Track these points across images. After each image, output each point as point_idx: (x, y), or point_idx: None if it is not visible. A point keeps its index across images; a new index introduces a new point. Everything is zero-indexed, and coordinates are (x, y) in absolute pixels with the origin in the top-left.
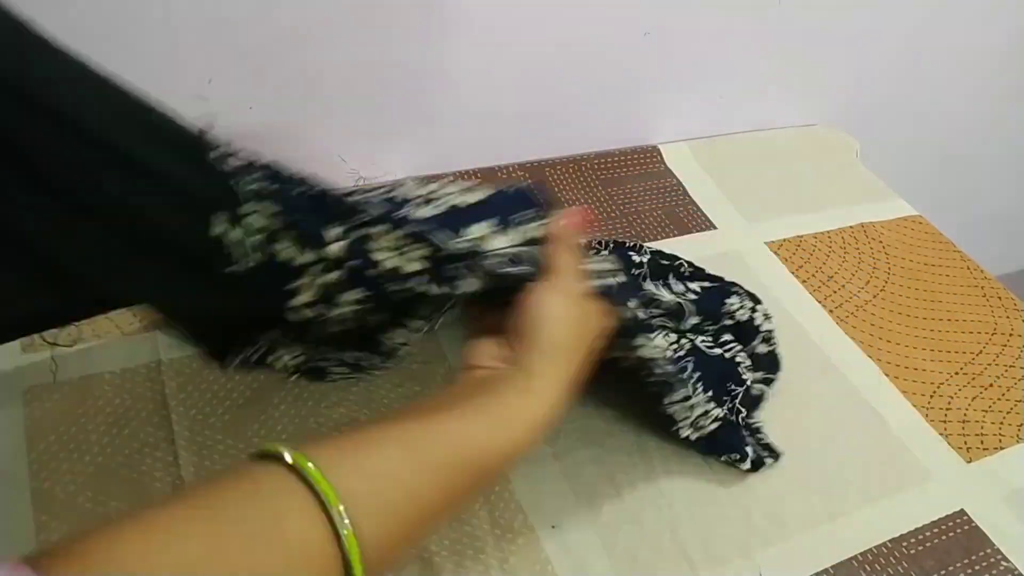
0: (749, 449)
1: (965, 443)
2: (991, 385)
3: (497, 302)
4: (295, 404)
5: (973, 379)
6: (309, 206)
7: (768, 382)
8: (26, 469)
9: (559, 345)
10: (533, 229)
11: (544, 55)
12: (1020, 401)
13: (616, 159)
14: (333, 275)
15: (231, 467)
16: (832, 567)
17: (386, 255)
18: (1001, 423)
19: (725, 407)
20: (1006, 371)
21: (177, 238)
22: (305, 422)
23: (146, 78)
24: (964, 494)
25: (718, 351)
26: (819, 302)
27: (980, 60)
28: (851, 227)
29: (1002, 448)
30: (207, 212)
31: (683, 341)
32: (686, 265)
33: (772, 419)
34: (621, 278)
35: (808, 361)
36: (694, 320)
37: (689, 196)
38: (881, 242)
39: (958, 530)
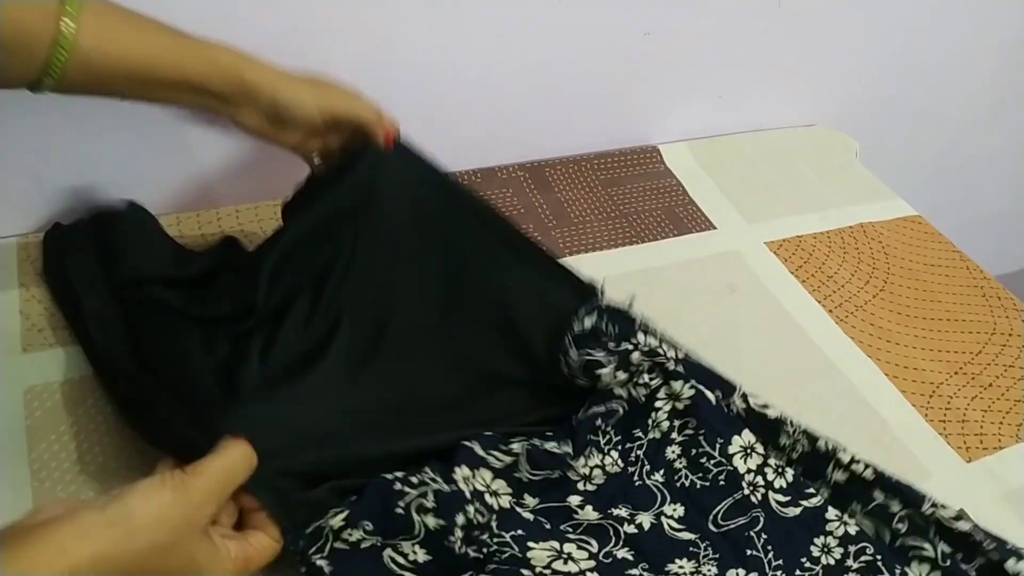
0: None
1: (964, 443)
2: (990, 385)
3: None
4: None
5: (972, 379)
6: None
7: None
8: (26, 469)
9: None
10: None
11: (544, 55)
12: (1019, 401)
13: (616, 159)
14: None
15: None
16: None
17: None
18: (1000, 423)
19: None
20: (1005, 371)
21: None
22: None
23: None
24: (963, 493)
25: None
26: (819, 302)
27: (980, 60)
28: (850, 227)
29: (1001, 448)
30: None
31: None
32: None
33: None
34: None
35: (808, 361)
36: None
37: (689, 196)
38: (880, 242)
39: None
